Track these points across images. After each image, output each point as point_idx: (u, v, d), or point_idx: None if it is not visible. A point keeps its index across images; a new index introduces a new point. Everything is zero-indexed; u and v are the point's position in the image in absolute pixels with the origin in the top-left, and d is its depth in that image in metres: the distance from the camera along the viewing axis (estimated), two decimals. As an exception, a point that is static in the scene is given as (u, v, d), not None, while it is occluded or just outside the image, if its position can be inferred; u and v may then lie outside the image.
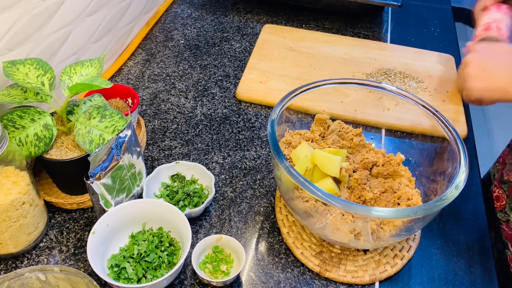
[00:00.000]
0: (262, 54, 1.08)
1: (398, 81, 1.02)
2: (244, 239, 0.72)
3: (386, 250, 0.71)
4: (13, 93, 0.67)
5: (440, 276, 0.69)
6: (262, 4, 1.30)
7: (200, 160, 0.85)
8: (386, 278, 0.68)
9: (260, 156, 0.86)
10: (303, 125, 0.78)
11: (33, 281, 0.58)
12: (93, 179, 0.63)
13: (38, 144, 0.66)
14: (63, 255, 0.69)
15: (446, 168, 0.68)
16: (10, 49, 0.71)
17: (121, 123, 0.69)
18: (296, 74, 1.03)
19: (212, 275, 0.66)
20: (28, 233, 0.67)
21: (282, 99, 0.72)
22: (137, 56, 1.08)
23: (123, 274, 0.63)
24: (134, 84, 1.00)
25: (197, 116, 0.94)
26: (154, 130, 0.90)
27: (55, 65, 0.83)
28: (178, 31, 1.18)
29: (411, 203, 0.66)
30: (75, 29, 0.86)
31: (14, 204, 0.62)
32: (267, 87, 0.99)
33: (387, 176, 0.72)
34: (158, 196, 0.75)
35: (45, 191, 0.75)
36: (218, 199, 0.78)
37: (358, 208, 0.58)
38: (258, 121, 0.93)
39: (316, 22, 1.25)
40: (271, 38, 1.13)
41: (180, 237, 0.67)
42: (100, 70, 0.74)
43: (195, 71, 1.05)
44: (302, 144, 0.71)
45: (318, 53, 1.09)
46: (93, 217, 0.74)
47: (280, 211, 0.75)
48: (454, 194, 0.59)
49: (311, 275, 0.68)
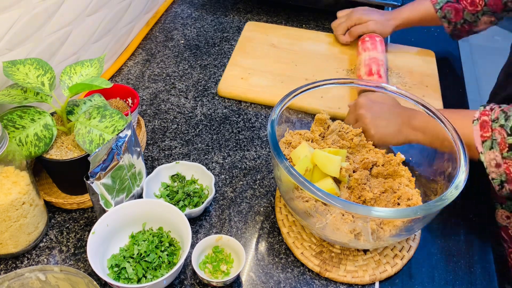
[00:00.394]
0: (244, 51, 1.09)
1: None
2: (244, 239, 0.72)
3: (386, 250, 0.71)
4: (13, 93, 0.67)
5: (440, 276, 0.69)
6: (262, 4, 1.30)
7: (200, 160, 0.85)
8: (386, 278, 0.68)
9: (260, 156, 0.86)
10: (303, 125, 0.78)
11: (33, 281, 0.58)
12: (93, 179, 0.63)
13: (38, 144, 0.66)
14: (63, 255, 0.69)
15: (446, 168, 0.68)
16: (10, 49, 0.71)
17: (121, 123, 0.69)
18: (277, 71, 1.04)
19: (212, 275, 0.66)
20: (28, 233, 0.67)
21: (282, 99, 0.72)
22: (137, 56, 1.08)
23: (123, 274, 0.63)
24: (134, 84, 1.00)
25: (197, 116, 0.94)
26: (154, 130, 0.90)
27: (55, 65, 0.83)
28: (178, 31, 1.18)
29: (411, 203, 0.66)
30: (75, 29, 0.86)
31: (14, 204, 0.62)
32: (248, 83, 1.00)
33: (387, 176, 0.72)
34: (158, 196, 0.75)
35: (45, 191, 0.75)
36: (218, 199, 0.78)
37: (358, 208, 0.58)
38: (258, 121, 0.93)
39: (316, 22, 1.25)
40: (253, 35, 1.14)
41: (180, 237, 0.67)
42: (100, 70, 0.74)
43: (195, 71, 1.05)
44: (302, 144, 0.71)
45: (300, 49, 1.11)
46: (93, 217, 0.74)
47: (280, 211, 0.75)
48: (454, 194, 0.59)
49: (311, 275, 0.68)
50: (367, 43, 1.04)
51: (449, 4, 1.01)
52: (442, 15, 1.03)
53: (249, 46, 1.10)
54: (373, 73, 0.96)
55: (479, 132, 0.70)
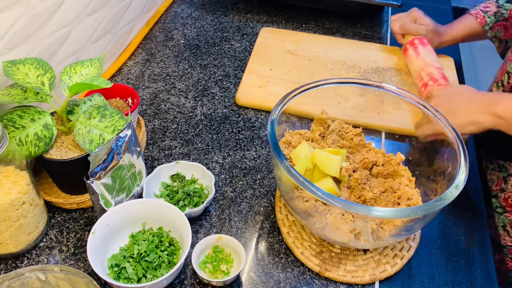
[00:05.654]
0: (260, 58, 1.07)
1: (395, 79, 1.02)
2: (244, 239, 0.72)
3: (386, 250, 0.71)
4: (13, 93, 0.67)
5: (440, 276, 0.69)
6: (262, 4, 1.30)
7: (200, 160, 0.85)
8: (386, 278, 0.68)
9: (260, 156, 0.86)
10: (303, 125, 0.78)
11: (33, 281, 0.58)
12: (93, 179, 0.63)
13: (38, 144, 0.66)
14: (63, 255, 0.69)
15: (446, 168, 0.68)
16: (10, 49, 0.71)
17: (121, 123, 0.69)
18: (295, 78, 1.02)
19: (212, 275, 0.66)
20: (28, 233, 0.67)
21: (282, 98, 0.72)
22: (137, 56, 1.08)
23: (123, 274, 0.63)
24: (134, 84, 1.00)
25: (197, 116, 0.94)
26: (154, 130, 0.90)
27: (55, 65, 0.83)
28: (178, 30, 1.18)
29: (411, 203, 0.66)
30: (75, 29, 0.86)
31: (14, 203, 0.62)
32: (267, 91, 0.98)
33: (387, 176, 0.72)
34: (158, 196, 0.75)
35: (45, 191, 0.75)
36: (218, 199, 0.78)
37: (358, 208, 0.58)
38: (258, 121, 0.93)
39: (316, 22, 1.25)
40: (269, 41, 1.13)
41: (180, 236, 0.67)
42: (100, 70, 0.74)
43: (195, 71, 1.05)
44: (302, 144, 0.71)
45: (316, 56, 1.09)
46: (93, 217, 0.74)
47: (280, 210, 0.75)
48: (454, 194, 0.59)
49: (311, 274, 0.68)
50: (409, 50, 1.02)
51: (498, 24, 0.99)
52: (492, 35, 1.01)
53: (265, 53, 1.09)
54: (438, 80, 0.93)
55: None
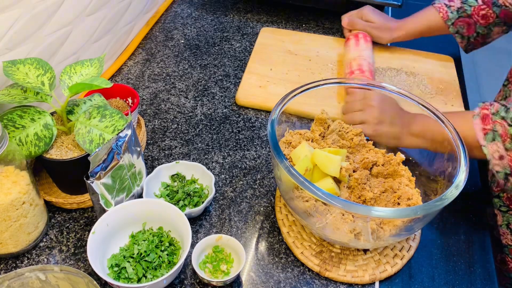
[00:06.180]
0: (260, 58, 1.07)
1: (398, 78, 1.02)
2: (244, 239, 0.72)
3: (386, 250, 0.71)
4: (13, 93, 0.67)
5: (440, 276, 0.69)
6: (262, 4, 1.30)
7: (200, 159, 0.85)
8: (386, 278, 0.68)
9: (260, 156, 0.86)
10: (303, 125, 0.78)
11: (33, 281, 0.58)
12: (93, 179, 0.63)
13: (38, 144, 0.66)
14: (63, 255, 0.69)
15: (446, 168, 0.68)
16: (10, 49, 0.71)
17: (121, 122, 0.69)
18: (295, 78, 1.02)
19: (212, 275, 0.66)
20: (28, 233, 0.67)
21: (282, 98, 0.72)
22: (137, 55, 1.08)
23: (123, 274, 0.63)
24: (134, 83, 1.00)
25: (197, 115, 0.94)
26: (154, 129, 0.90)
27: (55, 65, 0.83)
28: (178, 30, 1.18)
29: (411, 203, 0.66)
30: (75, 29, 0.86)
31: (14, 203, 0.62)
32: (267, 91, 0.98)
33: (387, 176, 0.72)
34: (158, 196, 0.75)
35: (45, 190, 0.75)
36: (218, 198, 0.78)
37: (358, 208, 0.58)
38: (258, 121, 0.93)
39: (316, 22, 1.25)
40: (269, 41, 1.13)
41: (180, 236, 0.67)
42: (100, 70, 0.74)
43: (195, 71, 1.05)
44: (302, 144, 0.71)
45: (316, 56, 1.09)
46: (93, 216, 0.74)
47: (280, 210, 0.75)
48: (454, 194, 0.59)
49: (311, 274, 0.68)
50: (351, 41, 1.04)
51: (461, 20, 1.00)
52: (455, 31, 1.02)
53: (265, 53, 1.09)
54: (364, 71, 0.95)
55: (480, 125, 0.70)
